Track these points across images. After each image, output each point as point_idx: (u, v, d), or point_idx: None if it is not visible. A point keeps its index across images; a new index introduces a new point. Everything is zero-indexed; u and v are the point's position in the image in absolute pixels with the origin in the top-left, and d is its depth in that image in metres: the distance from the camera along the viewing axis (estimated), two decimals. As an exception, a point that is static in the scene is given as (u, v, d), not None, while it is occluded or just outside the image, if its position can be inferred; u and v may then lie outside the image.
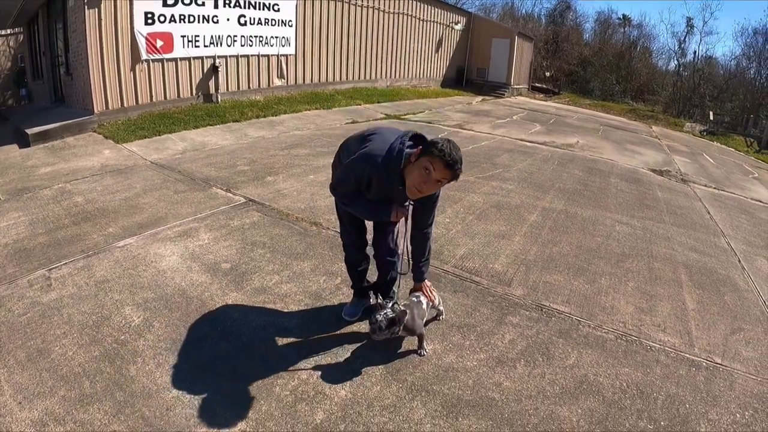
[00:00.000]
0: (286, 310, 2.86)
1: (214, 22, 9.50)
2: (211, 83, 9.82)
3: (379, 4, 14.44)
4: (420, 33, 17.15)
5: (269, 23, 10.77)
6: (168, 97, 9.04)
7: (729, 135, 19.24)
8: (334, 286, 3.16)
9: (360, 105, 12.24)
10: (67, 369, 2.29)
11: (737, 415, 2.32)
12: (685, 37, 30.96)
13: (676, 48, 31.36)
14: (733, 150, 15.31)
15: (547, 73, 30.46)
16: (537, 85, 27.05)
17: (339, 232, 2.75)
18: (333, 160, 2.55)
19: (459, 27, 19.66)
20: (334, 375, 2.34)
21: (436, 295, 2.69)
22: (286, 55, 11.53)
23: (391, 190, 2.17)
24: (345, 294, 3.03)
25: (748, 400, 2.44)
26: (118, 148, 6.74)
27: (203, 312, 2.80)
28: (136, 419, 2.01)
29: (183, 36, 8.97)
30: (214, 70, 9.73)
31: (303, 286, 3.15)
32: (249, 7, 10.21)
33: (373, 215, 2.39)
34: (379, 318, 2.24)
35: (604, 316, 3.10)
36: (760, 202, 7.53)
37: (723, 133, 19.18)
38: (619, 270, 3.83)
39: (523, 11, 38.64)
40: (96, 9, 7.46)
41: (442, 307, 2.82)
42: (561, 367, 2.54)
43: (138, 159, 6.20)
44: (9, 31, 14.49)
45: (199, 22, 9.21)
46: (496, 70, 20.74)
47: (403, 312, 2.30)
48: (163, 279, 3.16)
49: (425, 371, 2.41)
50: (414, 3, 16.33)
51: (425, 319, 2.51)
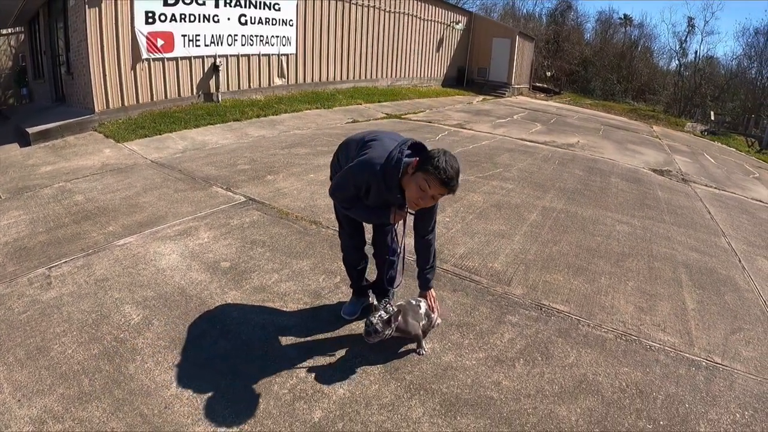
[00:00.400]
0: (285, 309, 2.86)
1: (214, 21, 9.51)
2: (212, 82, 9.83)
3: (379, 4, 14.43)
4: (421, 32, 17.14)
5: (270, 22, 10.77)
6: (169, 96, 9.04)
7: (730, 135, 19.22)
8: (333, 285, 3.16)
9: (361, 104, 12.23)
10: (66, 367, 2.29)
11: (737, 414, 2.32)
12: (686, 37, 30.89)
13: (678, 48, 31.29)
14: (734, 150, 15.29)
15: (548, 73, 30.45)
16: (538, 84, 27.04)
17: (338, 232, 2.75)
18: (332, 159, 2.55)
19: (460, 26, 19.64)
20: (333, 373, 2.34)
21: (436, 310, 2.59)
22: (287, 55, 11.53)
23: (389, 197, 2.18)
24: (344, 293, 3.03)
25: (748, 400, 2.43)
26: (119, 147, 6.74)
27: (202, 310, 2.80)
28: (135, 417, 2.01)
29: (184, 35, 8.98)
30: (215, 69, 9.74)
31: (302, 284, 3.15)
32: (250, 7, 10.21)
33: (371, 218, 2.40)
34: (374, 321, 2.22)
35: (603, 315, 3.09)
36: (761, 202, 7.51)
37: (724, 133, 19.16)
38: (619, 269, 3.82)
39: (524, 11, 38.66)
40: (97, 8, 7.46)
41: (439, 321, 2.67)
42: (560, 366, 2.54)
43: (138, 158, 6.21)
44: (10, 30, 14.51)
45: (199, 21, 9.22)
46: (497, 69, 20.72)
47: (397, 312, 2.28)
48: (163, 277, 3.16)
49: (424, 370, 2.41)
50: (415, 2, 16.31)
51: (422, 323, 2.47)
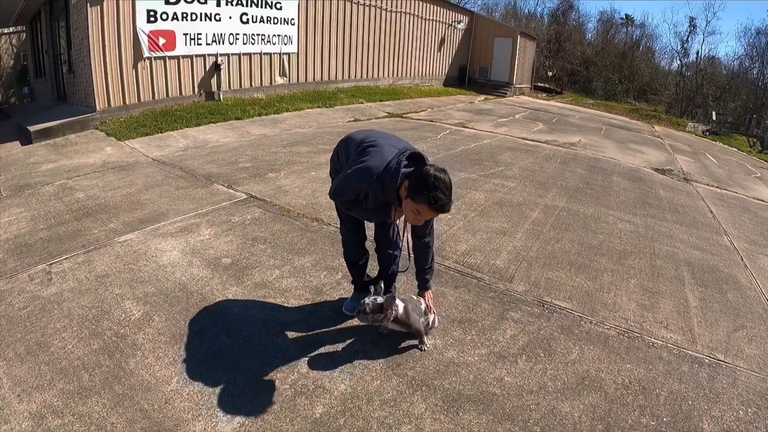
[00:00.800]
0: (286, 305, 2.86)
1: (216, 20, 9.50)
2: (214, 81, 9.82)
3: (381, 3, 14.42)
4: (422, 32, 17.13)
5: (271, 21, 10.76)
6: (170, 95, 9.04)
7: (731, 135, 19.19)
8: (335, 281, 3.15)
9: (362, 103, 12.22)
10: (66, 362, 2.28)
11: (740, 412, 2.30)
12: (687, 37, 30.88)
13: (679, 48, 31.28)
14: (735, 150, 15.26)
15: (550, 73, 30.44)
16: (539, 84, 27.05)
17: (339, 228, 2.74)
18: (332, 155, 2.55)
19: (461, 26, 19.63)
20: (334, 369, 2.33)
21: (432, 318, 2.57)
22: (289, 54, 11.53)
23: (388, 200, 2.20)
24: (345, 289, 3.02)
25: (750, 397, 2.42)
26: (120, 145, 6.74)
27: (203, 306, 2.79)
28: (135, 412, 2.01)
29: (185, 34, 8.98)
30: (217, 68, 9.73)
31: (304, 281, 3.14)
32: (251, 6, 10.21)
33: (373, 217, 2.42)
34: (368, 301, 2.26)
35: (606, 312, 3.08)
36: (763, 201, 7.50)
37: (726, 133, 19.13)
38: (621, 267, 3.81)
39: (526, 11, 38.62)
40: (98, 7, 7.46)
41: (437, 323, 2.64)
42: (563, 362, 2.53)
43: (140, 156, 6.20)
44: (11, 29, 14.53)
45: (201, 20, 9.22)
46: (499, 69, 20.71)
47: (391, 300, 2.26)
48: (164, 273, 3.15)
49: (426, 366, 2.40)
50: (416, 2, 16.30)
51: (421, 318, 2.47)
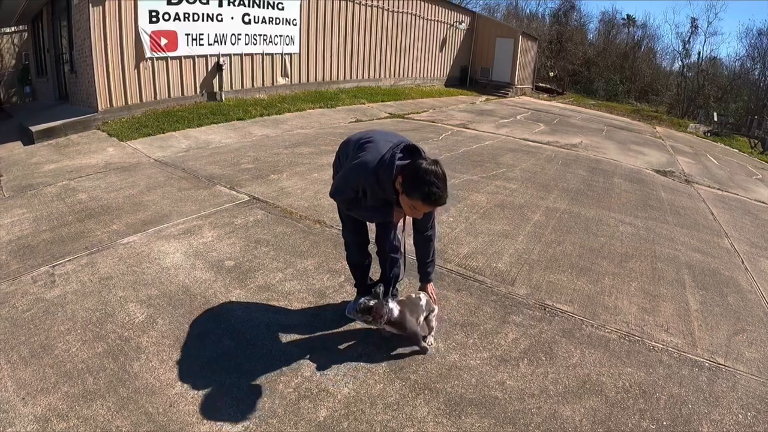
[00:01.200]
0: (289, 308, 2.87)
1: (218, 20, 9.52)
2: (215, 81, 9.84)
3: (383, 4, 14.43)
4: (424, 32, 17.13)
5: (273, 22, 10.77)
6: (172, 95, 9.06)
7: (733, 136, 19.18)
8: (338, 284, 3.16)
9: (364, 104, 12.23)
10: (70, 365, 2.29)
11: (740, 415, 2.32)
12: (689, 38, 30.87)
13: (681, 49, 31.26)
14: (736, 151, 15.26)
15: (551, 73, 30.42)
16: (541, 85, 27.05)
17: (341, 231, 2.76)
18: (334, 159, 2.56)
19: (463, 26, 19.63)
20: (338, 372, 2.34)
21: (436, 309, 2.58)
22: (290, 54, 11.54)
23: (386, 196, 2.21)
24: (348, 292, 3.03)
25: (750, 401, 2.43)
26: (122, 146, 6.76)
27: (207, 309, 2.81)
28: (140, 415, 2.02)
29: (187, 34, 8.99)
30: (218, 68, 9.75)
31: (307, 283, 3.16)
32: (253, 6, 10.22)
33: (374, 217, 2.43)
34: (361, 300, 2.29)
35: (607, 315, 3.09)
36: (764, 203, 7.50)
37: (727, 134, 19.13)
38: (622, 270, 3.82)
39: (527, 11, 38.65)
40: (100, 7, 7.48)
41: (434, 324, 2.60)
42: (564, 366, 2.54)
43: (142, 156, 6.22)
44: (13, 28, 14.56)
45: (203, 20, 9.23)
46: (500, 69, 20.72)
47: (380, 306, 2.26)
48: (167, 276, 3.17)
49: (428, 369, 2.41)
50: (418, 2, 16.30)
51: (422, 315, 2.47)
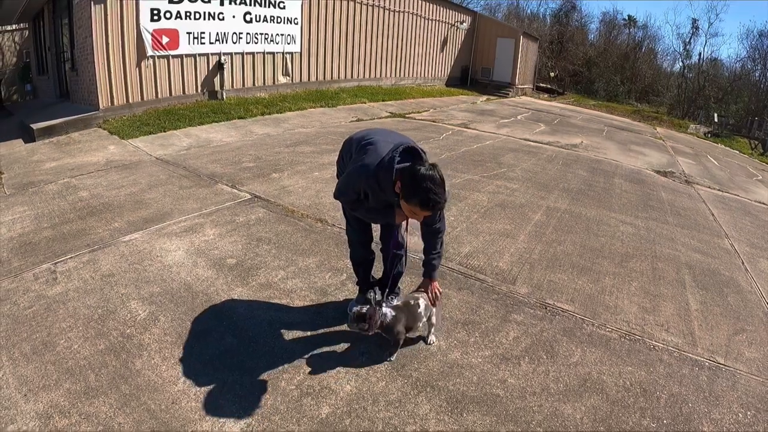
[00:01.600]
0: (291, 306, 2.88)
1: (219, 19, 9.52)
2: (217, 80, 9.84)
3: (384, 3, 14.43)
4: (425, 32, 17.13)
5: (275, 21, 10.78)
6: (173, 94, 9.06)
7: (733, 137, 19.20)
8: (340, 282, 3.17)
9: (365, 103, 12.24)
10: (72, 362, 2.30)
11: (740, 415, 2.32)
12: (690, 39, 30.84)
13: (681, 49, 31.22)
14: (737, 152, 15.27)
15: (552, 74, 30.42)
16: (541, 85, 27.05)
17: (345, 229, 2.76)
18: (337, 158, 2.57)
19: (464, 26, 19.63)
20: (340, 370, 2.35)
21: (439, 302, 2.54)
22: (292, 53, 11.54)
23: (388, 198, 2.21)
24: (350, 290, 3.04)
25: (750, 400, 2.44)
26: (123, 144, 6.76)
27: (209, 306, 2.81)
28: (142, 412, 2.03)
29: (189, 33, 9.00)
30: (220, 67, 9.75)
31: (308, 281, 3.16)
32: (255, 5, 10.22)
33: (377, 219, 2.44)
34: (354, 309, 2.29)
35: (607, 315, 3.10)
36: (764, 204, 7.51)
37: (727, 135, 19.14)
38: (623, 270, 3.83)
39: (528, 11, 38.59)
40: (102, 5, 7.48)
41: (434, 320, 2.59)
42: (565, 365, 2.55)
43: (143, 155, 6.22)
44: (14, 26, 14.55)
45: (204, 19, 9.23)
46: (501, 69, 20.71)
47: (374, 312, 2.25)
48: (169, 274, 3.17)
49: (430, 367, 2.42)
50: (419, 2, 16.29)
51: (418, 323, 2.44)
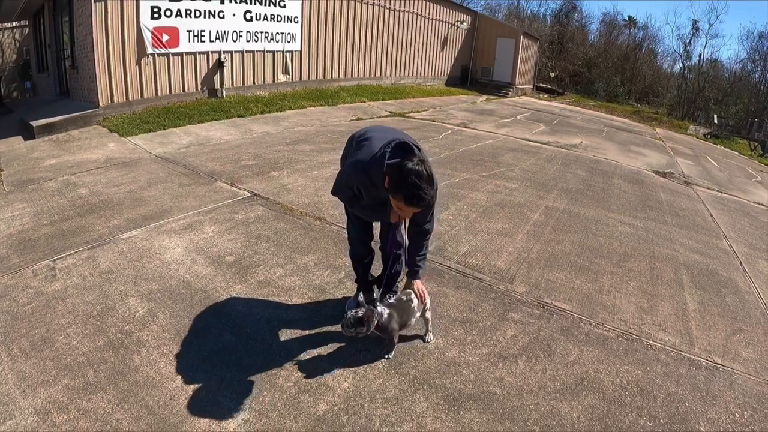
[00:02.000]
0: (290, 303, 2.89)
1: (219, 17, 9.52)
2: (216, 78, 9.84)
3: (385, 2, 14.43)
4: (425, 31, 17.13)
5: (275, 19, 10.77)
6: (173, 92, 9.06)
7: (733, 138, 19.20)
8: (338, 280, 3.18)
9: (364, 102, 12.24)
10: (71, 358, 2.31)
11: (736, 414, 2.33)
12: (690, 40, 30.85)
13: (681, 50, 31.23)
14: (736, 153, 15.28)
15: (552, 74, 30.42)
16: (541, 85, 27.06)
17: (345, 226, 2.77)
18: (341, 156, 2.60)
19: (464, 26, 19.63)
20: (337, 367, 2.36)
21: (428, 302, 2.54)
22: (292, 52, 11.54)
23: (381, 194, 2.20)
24: (348, 288, 3.05)
25: (747, 400, 2.45)
26: (123, 142, 6.76)
27: (207, 304, 2.82)
28: (140, 408, 2.03)
29: (189, 31, 9.00)
30: (220, 65, 9.75)
31: (307, 279, 3.17)
32: (255, 3, 10.22)
33: (372, 216, 2.46)
34: (349, 315, 2.23)
35: (605, 314, 3.11)
36: (763, 205, 7.52)
37: (727, 137, 19.14)
38: (621, 269, 3.83)
39: (529, 11, 38.56)
40: (102, 2, 7.48)
41: (428, 315, 2.58)
42: (562, 363, 2.56)
43: (143, 152, 6.22)
44: (14, 24, 14.54)
45: (205, 17, 9.23)
46: (501, 69, 20.72)
47: (371, 313, 2.24)
48: (168, 271, 3.18)
49: (427, 365, 2.43)
50: (420, 1, 16.30)
51: (412, 318, 2.44)
